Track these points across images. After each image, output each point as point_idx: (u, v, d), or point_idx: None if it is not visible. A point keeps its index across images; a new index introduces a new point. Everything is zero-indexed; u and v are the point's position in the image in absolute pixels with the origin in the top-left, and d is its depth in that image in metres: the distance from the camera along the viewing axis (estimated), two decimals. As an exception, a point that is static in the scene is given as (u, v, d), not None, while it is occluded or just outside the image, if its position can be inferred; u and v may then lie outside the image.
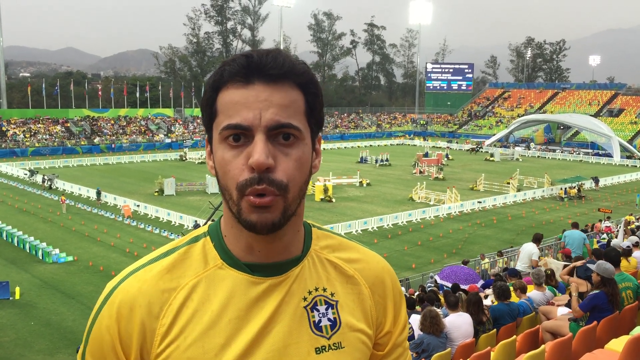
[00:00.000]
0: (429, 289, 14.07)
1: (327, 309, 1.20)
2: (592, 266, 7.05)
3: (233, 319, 1.12)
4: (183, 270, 1.16)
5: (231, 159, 1.07)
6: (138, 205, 31.74)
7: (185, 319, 1.13)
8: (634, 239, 12.86)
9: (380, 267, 1.30)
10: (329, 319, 1.19)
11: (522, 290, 8.47)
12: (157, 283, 1.14)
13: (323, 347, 1.17)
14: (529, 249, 12.71)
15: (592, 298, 6.57)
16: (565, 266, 9.86)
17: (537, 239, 13.39)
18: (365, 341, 1.23)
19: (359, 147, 67.90)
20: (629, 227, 16.64)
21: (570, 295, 7.24)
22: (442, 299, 9.26)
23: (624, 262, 8.99)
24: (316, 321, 1.18)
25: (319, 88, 1.15)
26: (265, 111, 1.05)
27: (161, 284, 1.14)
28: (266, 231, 1.08)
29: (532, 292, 8.70)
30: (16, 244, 24.37)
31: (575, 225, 15.95)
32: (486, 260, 19.46)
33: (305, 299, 1.18)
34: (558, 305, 7.98)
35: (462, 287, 12.12)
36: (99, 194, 33.95)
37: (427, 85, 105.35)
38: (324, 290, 1.21)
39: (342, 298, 1.23)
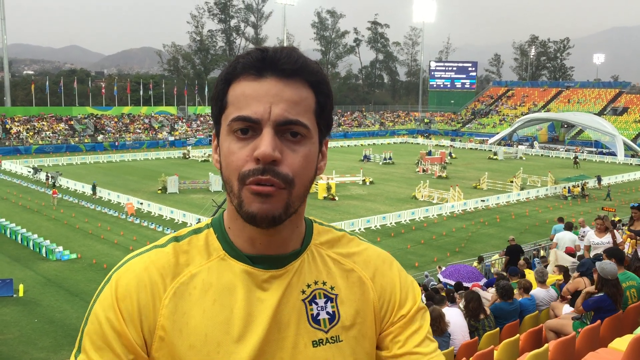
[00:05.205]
0: (431, 287, 14.05)
1: (326, 302, 1.20)
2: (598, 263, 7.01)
3: (235, 310, 1.13)
4: (186, 259, 1.17)
5: (237, 150, 1.07)
6: (141, 203, 31.77)
7: (187, 306, 1.13)
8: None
9: (381, 260, 1.29)
10: (327, 313, 1.19)
11: (526, 290, 8.42)
12: (161, 267, 1.15)
13: (320, 340, 1.17)
14: (569, 238, 12.90)
15: (595, 301, 6.55)
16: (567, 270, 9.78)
17: (568, 227, 13.67)
18: (365, 334, 1.22)
19: (362, 145, 67.88)
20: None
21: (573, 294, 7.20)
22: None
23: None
24: (314, 314, 1.18)
25: (330, 90, 1.16)
26: (275, 106, 1.06)
27: (165, 268, 1.15)
28: (266, 224, 1.08)
29: (536, 290, 8.68)
30: (20, 242, 24.42)
31: (561, 220, 16.27)
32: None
33: (303, 292, 1.19)
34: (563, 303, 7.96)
35: (465, 285, 12.12)
36: (94, 188, 34.26)
37: (431, 83, 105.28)
38: (324, 283, 1.21)
39: (343, 291, 1.22)
